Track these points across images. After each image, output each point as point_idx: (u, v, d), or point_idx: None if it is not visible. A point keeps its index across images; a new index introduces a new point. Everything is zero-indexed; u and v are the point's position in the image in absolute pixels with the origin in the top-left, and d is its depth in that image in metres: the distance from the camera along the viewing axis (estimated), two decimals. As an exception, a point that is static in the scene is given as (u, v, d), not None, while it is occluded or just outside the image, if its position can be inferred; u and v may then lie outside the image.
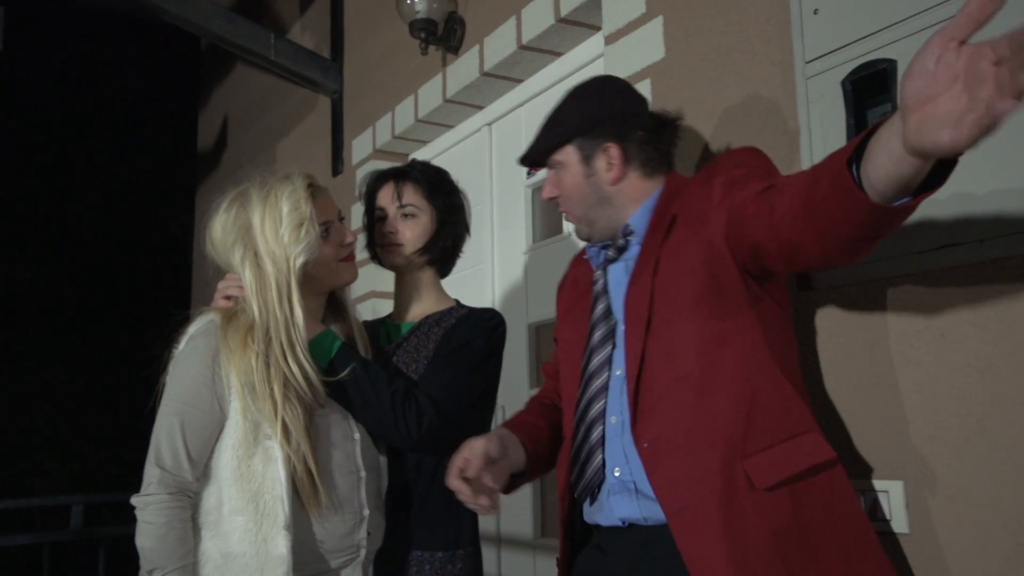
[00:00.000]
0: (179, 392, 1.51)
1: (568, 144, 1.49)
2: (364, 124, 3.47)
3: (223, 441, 1.50)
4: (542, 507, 2.66)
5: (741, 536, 1.19)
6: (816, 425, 1.30)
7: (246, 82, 4.92)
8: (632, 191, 1.48)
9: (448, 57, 2.92)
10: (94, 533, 3.88)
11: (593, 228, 1.51)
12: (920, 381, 1.40)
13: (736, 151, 1.45)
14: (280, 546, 1.44)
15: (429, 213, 1.84)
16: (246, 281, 1.56)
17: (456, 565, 1.69)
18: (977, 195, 1.33)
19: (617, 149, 1.47)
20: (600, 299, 1.47)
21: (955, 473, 1.35)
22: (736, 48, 1.80)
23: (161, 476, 1.46)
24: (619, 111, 1.49)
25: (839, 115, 1.53)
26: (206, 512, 1.50)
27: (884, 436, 1.45)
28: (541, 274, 2.71)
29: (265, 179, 1.62)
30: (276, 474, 1.46)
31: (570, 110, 1.52)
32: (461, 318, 1.80)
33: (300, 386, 1.51)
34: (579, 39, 2.50)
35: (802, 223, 1.11)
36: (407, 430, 1.59)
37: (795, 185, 1.15)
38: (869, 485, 1.45)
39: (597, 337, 1.44)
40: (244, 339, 1.51)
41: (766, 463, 1.22)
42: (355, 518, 1.57)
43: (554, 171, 1.54)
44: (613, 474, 1.36)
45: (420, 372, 1.73)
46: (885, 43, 1.46)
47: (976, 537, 1.31)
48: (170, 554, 1.44)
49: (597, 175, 1.48)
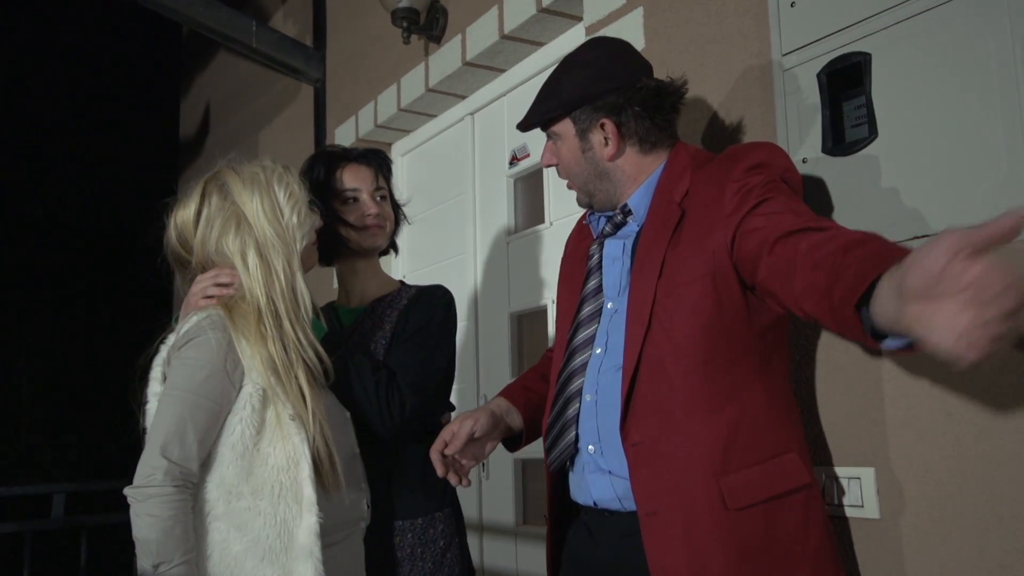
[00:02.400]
0: (191, 384, 1.46)
1: (565, 117, 1.46)
2: (347, 113, 3.47)
3: (228, 428, 1.48)
4: (524, 495, 2.69)
5: (704, 550, 1.23)
6: (800, 442, 1.32)
7: (228, 70, 4.89)
8: (630, 168, 1.45)
9: (431, 46, 2.92)
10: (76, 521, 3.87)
11: (593, 199, 1.49)
12: (891, 370, 1.43)
13: (756, 148, 1.36)
14: (311, 523, 1.44)
15: (391, 197, 1.91)
16: (250, 268, 1.54)
17: (437, 528, 1.74)
18: (949, 188, 1.35)
19: (612, 125, 1.42)
20: (593, 274, 1.47)
21: (924, 460, 1.38)
22: (714, 40, 1.81)
23: (168, 468, 1.42)
24: (616, 84, 1.43)
25: (815, 107, 1.55)
26: (209, 502, 1.47)
27: (856, 424, 1.47)
28: (523, 263, 2.72)
29: (237, 166, 1.61)
30: (299, 453, 1.45)
31: (567, 80, 1.47)
32: (412, 298, 1.83)
33: (316, 367, 1.53)
34: (560, 29, 2.50)
35: (823, 317, 1.08)
36: (390, 418, 1.63)
37: (815, 264, 1.08)
38: (841, 472, 1.48)
39: (585, 313, 1.45)
40: (257, 327, 1.50)
41: (741, 484, 1.25)
42: (357, 491, 1.60)
43: (551, 140, 1.51)
44: (587, 450, 1.39)
45: (379, 354, 1.75)
46: (860, 36, 1.48)
47: (944, 522, 1.35)
48: (177, 547, 1.41)
49: (593, 150, 1.45)
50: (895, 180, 1.42)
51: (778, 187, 1.29)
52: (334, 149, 1.90)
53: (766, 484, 1.25)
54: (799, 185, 1.36)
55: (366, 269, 1.89)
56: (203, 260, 1.61)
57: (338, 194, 1.82)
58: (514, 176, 2.82)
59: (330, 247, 1.83)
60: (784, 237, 1.17)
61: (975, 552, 1.30)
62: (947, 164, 1.36)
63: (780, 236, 1.17)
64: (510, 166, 2.81)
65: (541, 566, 2.51)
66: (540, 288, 2.63)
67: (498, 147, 2.88)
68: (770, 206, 1.24)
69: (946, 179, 1.36)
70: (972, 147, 1.32)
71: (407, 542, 1.71)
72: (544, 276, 2.62)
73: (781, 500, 1.26)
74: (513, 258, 2.78)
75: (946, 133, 1.36)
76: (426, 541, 1.72)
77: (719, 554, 1.23)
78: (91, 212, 8.29)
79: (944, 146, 1.36)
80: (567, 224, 2.54)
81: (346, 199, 1.82)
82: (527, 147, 2.73)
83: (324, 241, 1.79)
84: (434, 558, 1.72)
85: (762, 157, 1.33)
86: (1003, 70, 1.29)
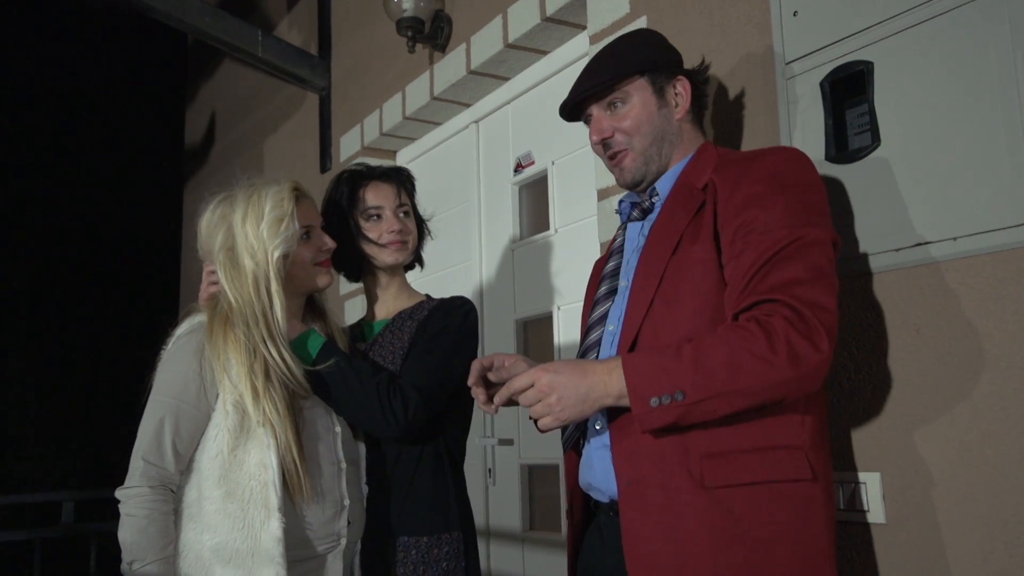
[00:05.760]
0: (167, 387, 1.55)
1: (641, 76, 1.46)
2: (352, 121, 3.49)
3: (208, 434, 1.55)
4: (530, 501, 2.70)
5: (682, 527, 1.22)
6: (814, 439, 1.28)
7: (234, 79, 4.92)
8: (686, 136, 1.48)
9: (435, 55, 2.94)
10: (85, 529, 3.90)
11: (648, 168, 1.47)
12: (897, 375, 1.44)
13: (779, 155, 1.35)
14: (274, 528, 1.48)
15: (414, 212, 1.93)
16: (220, 272, 1.61)
17: (442, 549, 1.72)
18: (952, 195, 1.36)
19: (687, 83, 1.47)
20: (614, 256, 1.49)
21: (930, 465, 1.39)
22: (718, 49, 1.83)
23: (144, 468, 1.51)
24: (678, 57, 1.52)
25: (818, 115, 1.56)
26: (188, 505, 1.54)
27: (861, 429, 1.48)
28: (528, 270, 2.73)
29: (253, 182, 1.68)
30: (267, 460, 1.50)
31: (630, 49, 1.50)
32: (433, 309, 1.85)
33: (282, 372, 1.56)
34: (564, 38, 2.52)
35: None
36: (394, 419, 1.63)
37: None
38: (847, 477, 1.48)
39: (602, 291, 1.46)
40: (225, 331, 1.56)
41: (718, 466, 1.23)
42: (336, 507, 1.62)
43: (609, 110, 1.48)
44: (595, 427, 1.39)
45: (395, 365, 1.77)
46: (862, 45, 1.50)
47: (950, 526, 1.35)
48: (150, 546, 1.48)
49: (668, 107, 1.47)
50: (898, 187, 1.44)
51: (772, 201, 1.27)
52: (358, 167, 1.92)
53: (753, 469, 1.23)
54: (809, 189, 1.31)
55: (391, 284, 1.91)
56: (212, 262, 1.69)
57: (362, 212, 1.85)
58: (519, 183, 2.83)
59: (356, 264, 1.87)
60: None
61: (980, 557, 1.31)
62: (949, 171, 1.37)
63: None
64: (515, 173, 2.82)
65: (548, 572, 2.52)
66: (546, 294, 2.64)
67: (503, 155, 2.90)
68: (744, 244, 1.26)
69: (948, 186, 1.37)
70: (974, 154, 1.34)
71: (410, 559, 1.69)
72: (550, 282, 2.64)
73: (768, 487, 1.22)
74: (519, 265, 2.79)
75: (948, 140, 1.37)
76: (429, 561, 1.69)
77: (696, 532, 1.21)
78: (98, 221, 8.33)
79: (946, 153, 1.38)
80: (572, 231, 2.55)
81: (369, 216, 1.85)
82: (532, 154, 2.74)
83: (350, 258, 1.84)
84: None
85: (780, 167, 1.32)
86: (1004, 78, 1.30)
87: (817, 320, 1.18)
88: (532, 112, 2.76)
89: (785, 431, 1.26)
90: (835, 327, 1.21)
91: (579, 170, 2.51)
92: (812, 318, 1.18)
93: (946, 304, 1.38)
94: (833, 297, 1.22)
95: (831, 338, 1.19)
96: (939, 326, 1.39)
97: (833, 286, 1.24)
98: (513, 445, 2.72)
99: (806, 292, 1.19)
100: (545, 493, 2.64)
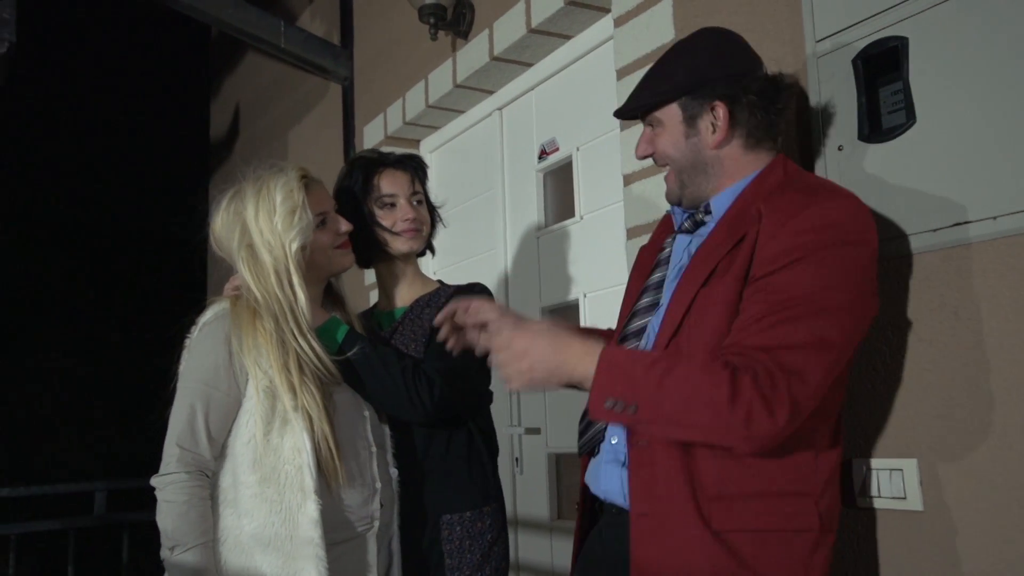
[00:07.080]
0: (198, 374, 1.56)
1: (672, 103, 1.40)
2: (375, 110, 3.48)
3: (240, 420, 1.56)
4: (558, 490, 2.69)
5: (690, 565, 1.22)
6: (823, 487, 1.26)
7: (257, 70, 4.94)
8: (730, 163, 1.38)
9: (458, 42, 2.92)
10: (117, 518, 3.95)
11: (684, 192, 1.44)
12: (934, 359, 1.40)
13: (837, 206, 1.24)
14: (311, 511, 1.50)
15: (427, 200, 1.94)
16: (244, 271, 1.62)
17: (485, 521, 1.77)
18: (990, 174, 1.32)
19: (724, 110, 1.36)
20: (660, 267, 1.46)
21: (968, 450, 1.35)
22: (746, 28, 1.78)
23: (180, 455, 1.52)
24: (732, 71, 1.38)
25: (850, 94, 1.52)
26: (223, 490, 1.56)
27: (898, 414, 1.45)
28: (553, 257, 2.71)
29: (259, 174, 1.67)
30: (301, 444, 1.52)
31: (679, 64, 1.42)
32: (450, 296, 1.85)
33: (313, 363, 1.57)
34: (588, 22, 2.49)
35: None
36: (420, 403, 1.65)
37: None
38: (883, 464, 1.45)
39: (643, 304, 1.44)
40: (253, 321, 1.57)
41: (726, 509, 1.23)
42: (369, 490, 1.63)
43: (651, 128, 1.46)
44: (611, 441, 1.39)
45: (418, 352, 1.78)
46: (896, 20, 1.46)
47: (989, 514, 1.32)
48: (191, 531, 1.49)
49: (699, 136, 1.39)
50: (933, 166, 1.40)
51: (807, 258, 1.21)
52: (371, 154, 1.92)
53: (761, 517, 1.23)
54: (856, 250, 1.23)
55: (405, 272, 1.91)
56: (231, 260, 1.69)
57: (376, 199, 1.85)
58: (543, 170, 2.81)
59: (368, 251, 1.87)
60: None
61: (1021, 545, 1.28)
62: (988, 148, 1.33)
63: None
64: (539, 160, 2.80)
65: (577, 560, 2.51)
66: (571, 282, 2.62)
67: (527, 142, 2.87)
68: (763, 297, 1.21)
69: (988, 164, 1.33)
70: (1013, 131, 1.30)
71: (455, 535, 1.74)
72: (575, 270, 2.61)
73: (776, 534, 1.23)
74: (544, 253, 2.77)
75: (986, 117, 1.33)
76: (474, 534, 1.75)
77: (704, 571, 1.22)
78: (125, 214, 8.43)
79: (985, 130, 1.33)
80: (597, 218, 2.52)
81: (384, 204, 1.85)
82: (556, 141, 2.72)
83: (362, 245, 1.83)
84: (482, 550, 1.75)
85: (822, 220, 1.23)
86: (1046, 51, 1.26)
87: (787, 391, 1.13)
88: (556, 98, 2.73)
89: (796, 475, 1.25)
90: (809, 400, 1.16)
91: (604, 156, 2.48)
92: (783, 388, 1.13)
93: (985, 286, 1.34)
94: (823, 369, 1.16)
95: (796, 411, 1.14)
96: (978, 308, 1.35)
97: (831, 359, 1.17)
98: (540, 434, 2.71)
99: (792, 359, 1.15)
100: (572, 482, 2.63)
